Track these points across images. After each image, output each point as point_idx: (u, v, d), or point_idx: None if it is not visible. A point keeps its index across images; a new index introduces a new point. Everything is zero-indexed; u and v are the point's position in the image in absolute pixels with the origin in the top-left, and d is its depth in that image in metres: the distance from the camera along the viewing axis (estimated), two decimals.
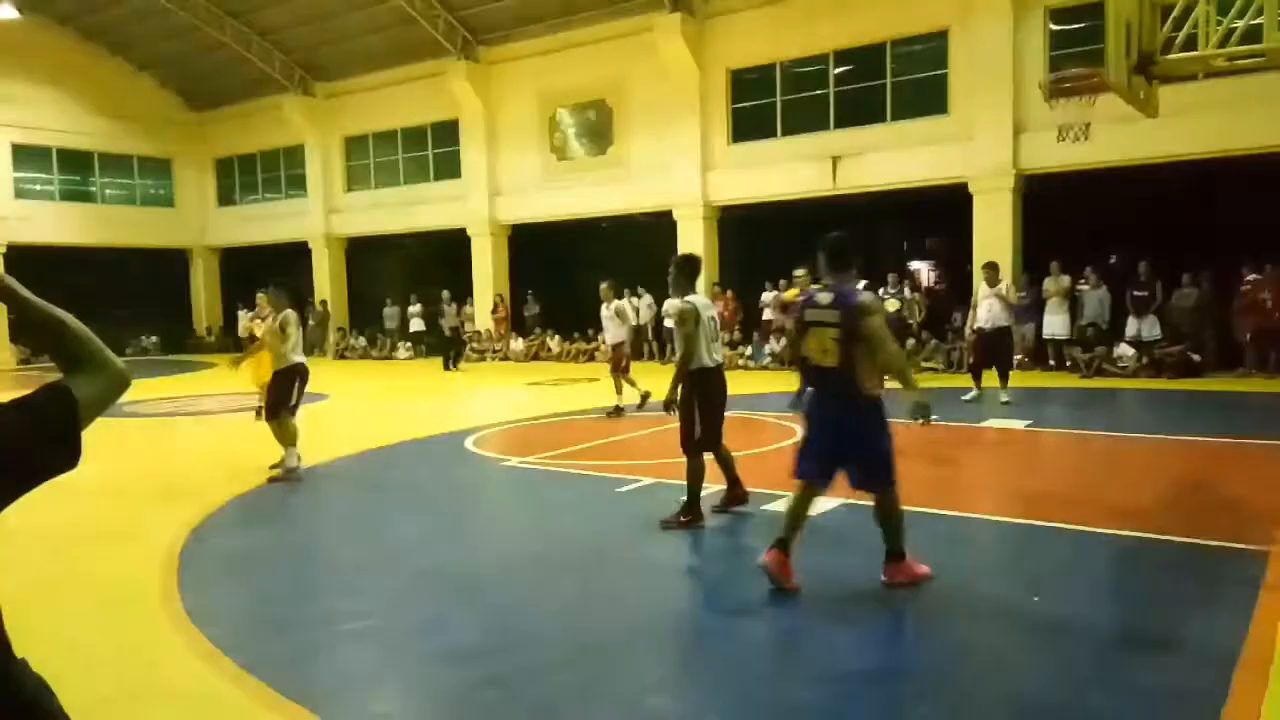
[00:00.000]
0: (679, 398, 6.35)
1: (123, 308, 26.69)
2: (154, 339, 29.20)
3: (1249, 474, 7.80)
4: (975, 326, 12.22)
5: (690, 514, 6.39)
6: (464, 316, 22.82)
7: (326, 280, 27.21)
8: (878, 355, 4.75)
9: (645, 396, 11.71)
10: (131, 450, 10.73)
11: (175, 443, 11.51)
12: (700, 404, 6.30)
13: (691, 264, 6.64)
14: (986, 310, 11.79)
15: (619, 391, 11.89)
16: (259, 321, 11.27)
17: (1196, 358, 14.60)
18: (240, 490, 7.99)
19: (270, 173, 29.14)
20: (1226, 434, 9.43)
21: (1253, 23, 6.35)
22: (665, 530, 6.29)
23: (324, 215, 26.98)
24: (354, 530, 6.97)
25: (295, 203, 27.92)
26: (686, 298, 6.34)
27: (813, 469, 4.99)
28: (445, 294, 21.38)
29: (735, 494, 6.76)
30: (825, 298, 4.92)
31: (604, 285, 12.45)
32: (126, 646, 4.56)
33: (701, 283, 9.07)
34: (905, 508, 4.98)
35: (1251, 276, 14.37)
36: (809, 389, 5.47)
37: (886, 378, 4.98)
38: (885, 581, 4.95)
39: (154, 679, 4.19)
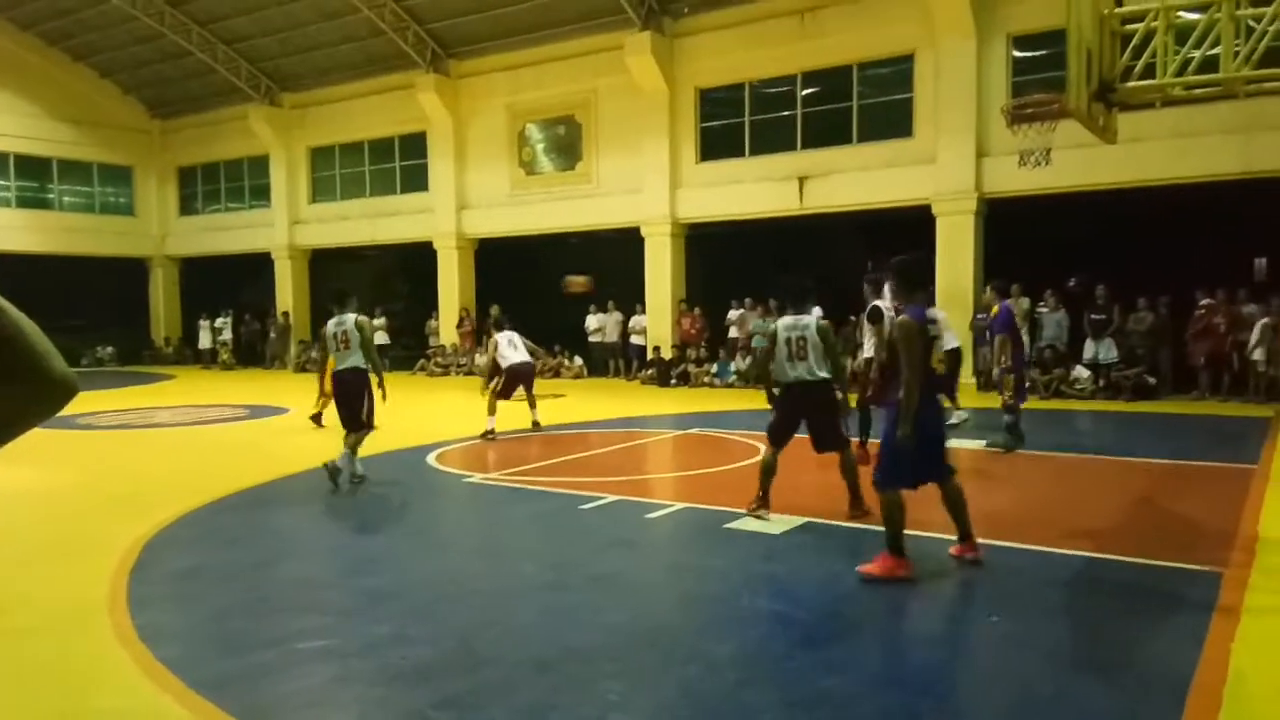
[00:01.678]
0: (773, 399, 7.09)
1: (79, 317, 26.18)
2: (110, 349, 28.64)
3: (1203, 496, 7.92)
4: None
5: (758, 502, 6.88)
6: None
7: (289, 292, 26.89)
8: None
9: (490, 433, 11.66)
10: (83, 462, 10.50)
11: (129, 455, 11.26)
12: (776, 408, 6.97)
13: (795, 288, 7.09)
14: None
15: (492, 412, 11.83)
16: None
17: (1152, 380, 14.86)
18: (195, 505, 7.84)
19: (234, 182, 28.82)
20: (1181, 456, 9.60)
21: (1209, 53, 6.50)
22: (752, 515, 6.82)
23: (288, 226, 26.70)
24: (310, 547, 6.86)
25: (259, 213, 27.62)
26: (783, 318, 6.92)
27: (911, 479, 5.57)
28: (495, 309, 19.98)
29: (761, 504, 6.96)
30: (936, 314, 5.54)
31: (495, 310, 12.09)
32: (73, 664, 4.44)
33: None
34: (861, 526, 4.98)
35: (1205, 301, 14.67)
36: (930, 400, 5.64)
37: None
38: (970, 559, 5.71)
39: (101, 698, 4.07)
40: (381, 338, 24.20)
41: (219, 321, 26.90)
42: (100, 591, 5.45)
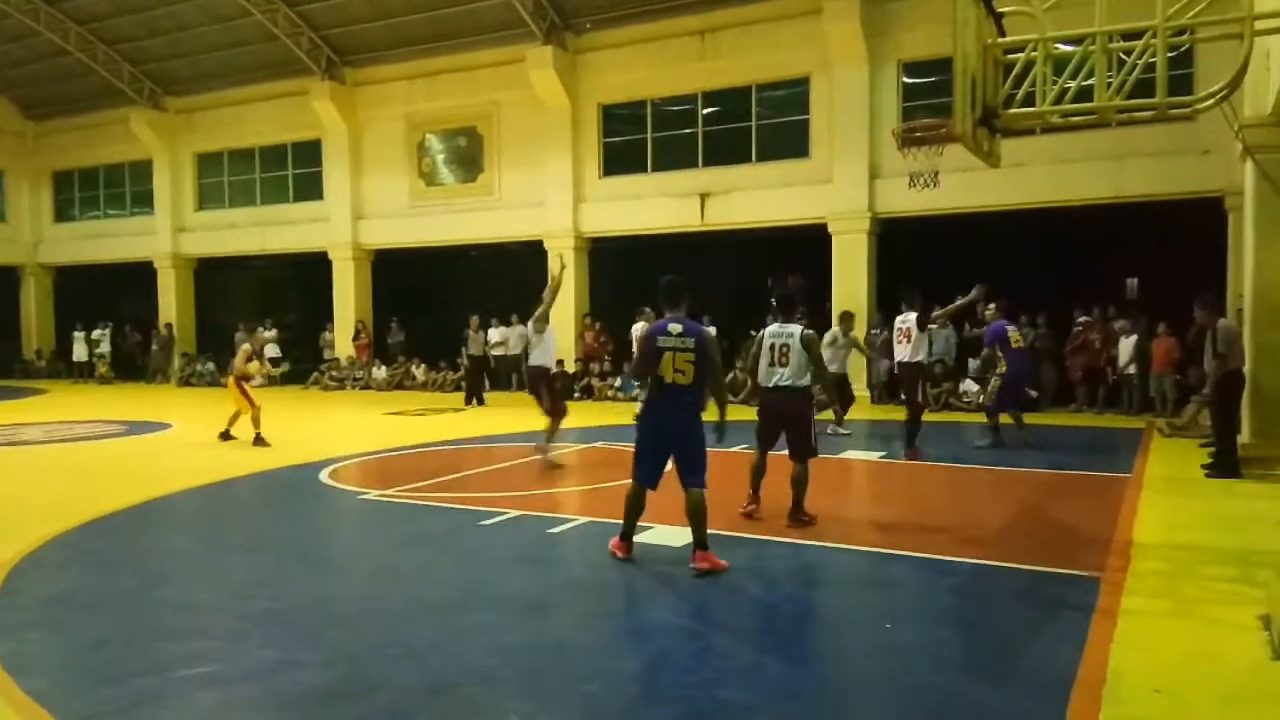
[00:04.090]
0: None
1: None
2: None
3: (1081, 503, 8.30)
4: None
5: (750, 500, 7.38)
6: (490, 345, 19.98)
7: (173, 302, 25.76)
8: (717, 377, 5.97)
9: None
10: None
11: None
12: (759, 415, 7.38)
13: (782, 299, 7.46)
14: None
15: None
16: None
17: (1034, 394, 15.51)
18: (66, 527, 7.38)
19: (114, 188, 27.49)
20: (1061, 467, 10.04)
21: (1085, 83, 6.86)
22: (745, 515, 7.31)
23: (171, 234, 25.61)
24: (193, 569, 6.53)
25: (140, 220, 26.41)
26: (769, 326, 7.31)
27: (651, 476, 6.02)
28: (474, 320, 18.92)
29: (752, 502, 7.42)
30: (678, 328, 5.90)
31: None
32: None
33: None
34: (763, 537, 5.04)
35: (1082, 319, 15.46)
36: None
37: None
38: (696, 569, 5.86)
39: None
40: (272, 350, 23.42)
41: (96, 333, 25.54)
42: None
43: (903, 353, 10.75)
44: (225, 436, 12.42)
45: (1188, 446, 11.03)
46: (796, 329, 7.14)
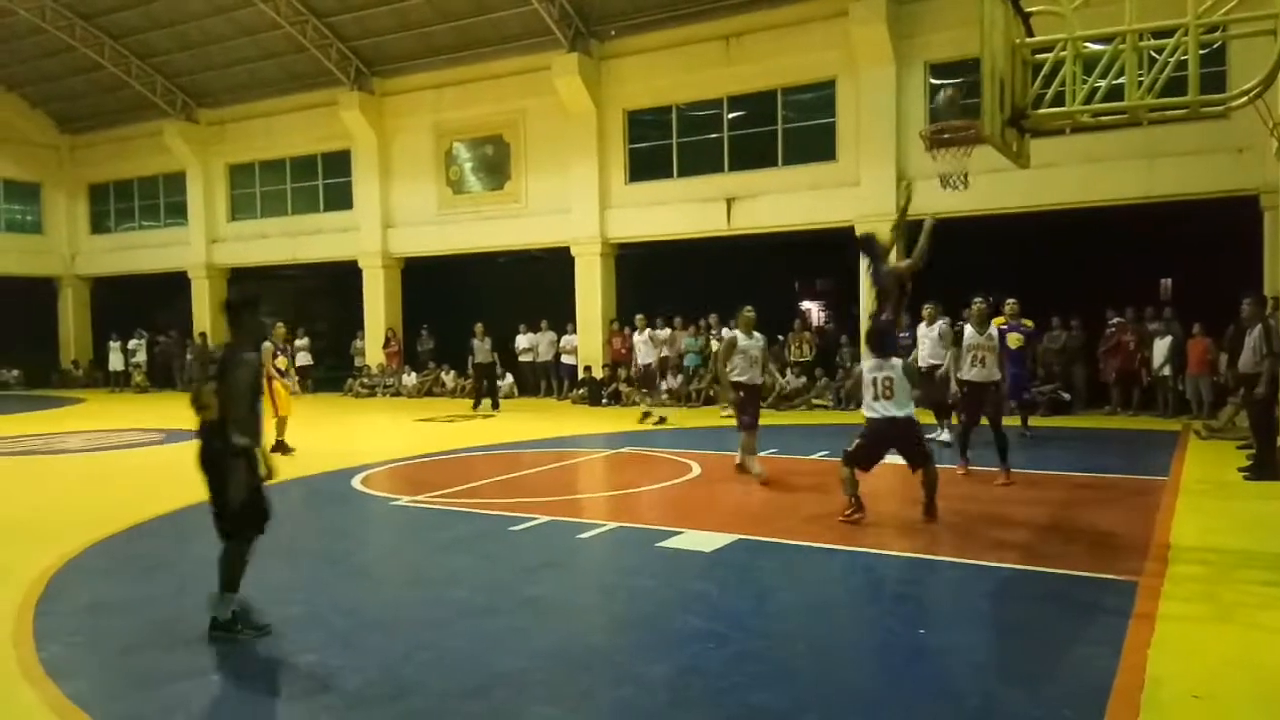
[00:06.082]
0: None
1: None
2: (16, 373, 27.45)
3: (1117, 507, 8.19)
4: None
5: (853, 508, 7.44)
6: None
7: (206, 312, 26.09)
8: None
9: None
10: None
11: (35, 483, 10.77)
12: (863, 437, 7.61)
13: (877, 337, 7.87)
14: None
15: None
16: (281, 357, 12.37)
17: (1066, 396, 15.36)
18: (106, 533, 7.51)
19: (148, 200, 27.94)
20: (1096, 470, 9.92)
21: (1115, 82, 6.78)
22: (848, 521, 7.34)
23: (205, 245, 25.99)
24: None
25: (174, 231, 26.82)
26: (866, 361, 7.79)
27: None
28: (479, 327, 18.89)
29: (855, 511, 7.48)
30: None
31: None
32: None
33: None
34: (795, 542, 5.00)
35: (1115, 320, 15.26)
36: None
37: None
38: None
39: None
40: (304, 358, 23.69)
41: (133, 343, 25.98)
42: (3, 626, 5.18)
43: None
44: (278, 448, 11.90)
45: (1225, 449, 10.85)
46: (898, 363, 7.54)
